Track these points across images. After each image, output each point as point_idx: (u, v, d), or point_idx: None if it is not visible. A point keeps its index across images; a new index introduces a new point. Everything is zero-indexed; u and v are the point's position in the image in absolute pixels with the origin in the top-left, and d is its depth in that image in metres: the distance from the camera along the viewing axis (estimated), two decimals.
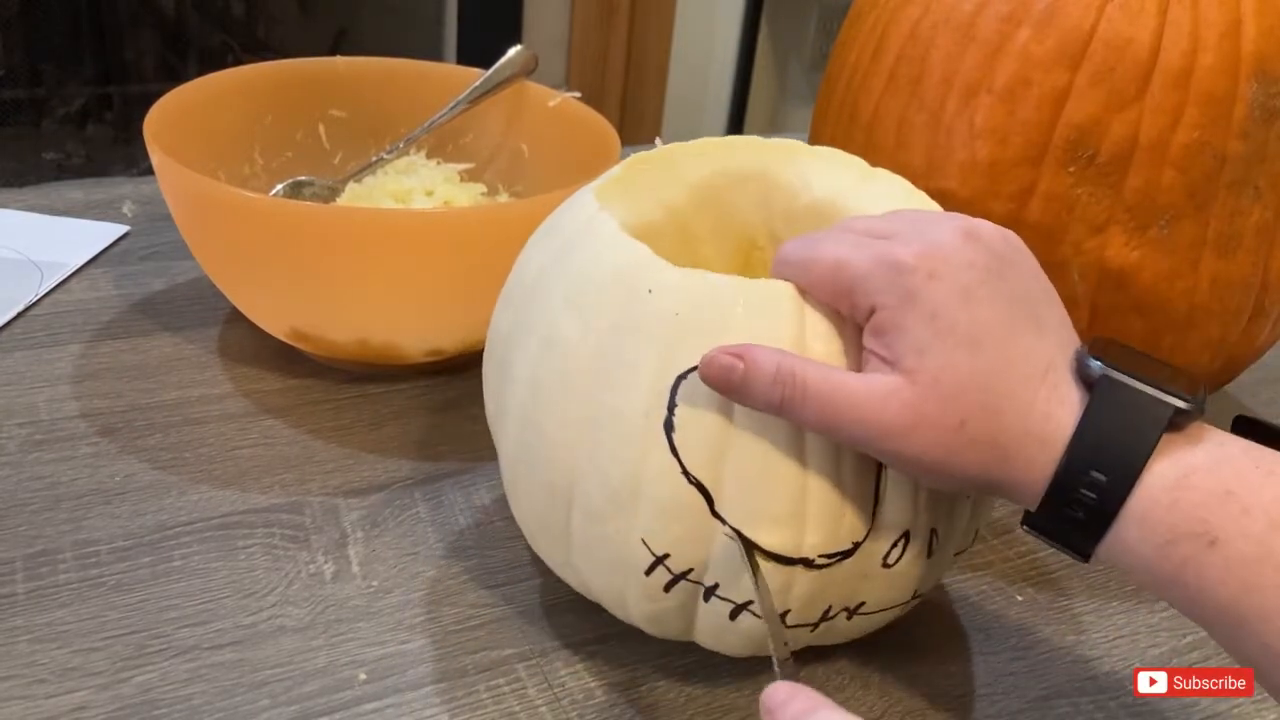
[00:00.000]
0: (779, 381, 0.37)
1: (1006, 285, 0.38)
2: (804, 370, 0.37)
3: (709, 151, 0.50)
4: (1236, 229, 0.55)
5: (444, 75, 0.76)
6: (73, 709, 0.43)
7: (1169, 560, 0.35)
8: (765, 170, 0.51)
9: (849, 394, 0.37)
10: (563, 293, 0.42)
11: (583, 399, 0.41)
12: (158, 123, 0.61)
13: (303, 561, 0.52)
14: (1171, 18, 0.53)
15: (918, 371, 0.36)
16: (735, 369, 0.38)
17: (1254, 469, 0.35)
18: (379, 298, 0.59)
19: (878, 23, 0.61)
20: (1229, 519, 0.34)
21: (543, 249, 0.46)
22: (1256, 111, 0.53)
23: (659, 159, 0.49)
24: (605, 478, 0.40)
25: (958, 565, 0.56)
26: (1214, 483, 0.34)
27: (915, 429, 0.36)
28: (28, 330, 0.67)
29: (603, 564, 0.43)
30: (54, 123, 1.91)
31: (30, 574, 0.49)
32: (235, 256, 0.61)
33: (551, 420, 0.42)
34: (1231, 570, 0.34)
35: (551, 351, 0.42)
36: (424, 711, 0.45)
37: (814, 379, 0.37)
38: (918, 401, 0.36)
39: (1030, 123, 0.54)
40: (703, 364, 0.38)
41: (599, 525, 0.41)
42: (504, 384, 0.45)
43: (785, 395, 0.37)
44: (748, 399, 0.38)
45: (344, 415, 0.62)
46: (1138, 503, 0.35)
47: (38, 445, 0.57)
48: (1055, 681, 0.50)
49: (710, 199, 0.50)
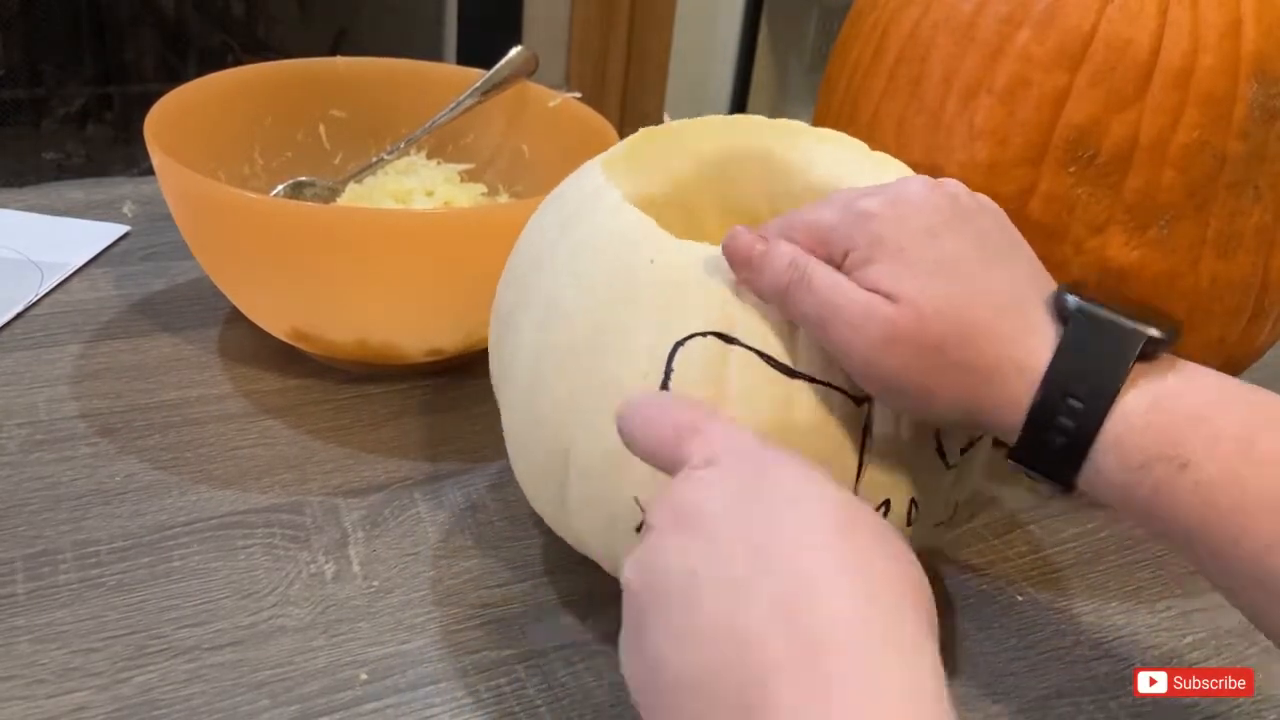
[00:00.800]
0: (793, 267, 0.39)
1: (971, 226, 0.40)
2: (815, 265, 0.40)
3: (715, 129, 0.52)
4: (1236, 229, 0.55)
5: (444, 75, 0.76)
6: (73, 709, 0.43)
7: (1143, 485, 0.36)
8: (769, 149, 0.52)
9: (846, 298, 0.39)
10: (567, 260, 0.44)
11: (583, 364, 0.42)
12: (158, 123, 0.61)
13: (303, 561, 0.52)
14: (1171, 18, 0.53)
15: (896, 294, 0.38)
16: (755, 247, 0.40)
17: (1221, 393, 0.36)
18: (379, 298, 0.59)
19: (877, 23, 0.61)
20: (1199, 442, 0.35)
21: (549, 218, 0.47)
22: (1256, 112, 0.53)
23: (666, 134, 0.51)
24: (601, 438, 0.42)
25: (957, 566, 0.56)
26: (1185, 407, 0.36)
27: (895, 342, 0.38)
28: (27, 330, 0.67)
29: (597, 521, 0.45)
30: (54, 123, 1.91)
31: (30, 574, 0.49)
32: (235, 256, 0.61)
33: (553, 383, 0.43)
34: (1201, 493, 0.35)
35: (555, 317, 0.43)
36: (424, 711, 0.45)
37: (820, 275, 0.39)
38: (897, 317, 0.38)
39: (1030, 123, 0.54)
40: (727, 238, 0.41)
41: (594, 483, 0.43)
42: (508, 348, 0.47)
43: (793, 280, 0.39)
44: (759, 278, 0.40)
45: (344, 415, 0.62)
46: (1113, 427, 0.36)
47: (37, 445, 0.57)
48: (1056, 681, 0.50)
49: (715, 175, 0.52)
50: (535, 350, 0.44)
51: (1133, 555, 0.58)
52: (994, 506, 0.61)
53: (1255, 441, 0.35)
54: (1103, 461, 0.36)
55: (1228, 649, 0.53)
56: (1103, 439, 0.36)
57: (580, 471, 0.44)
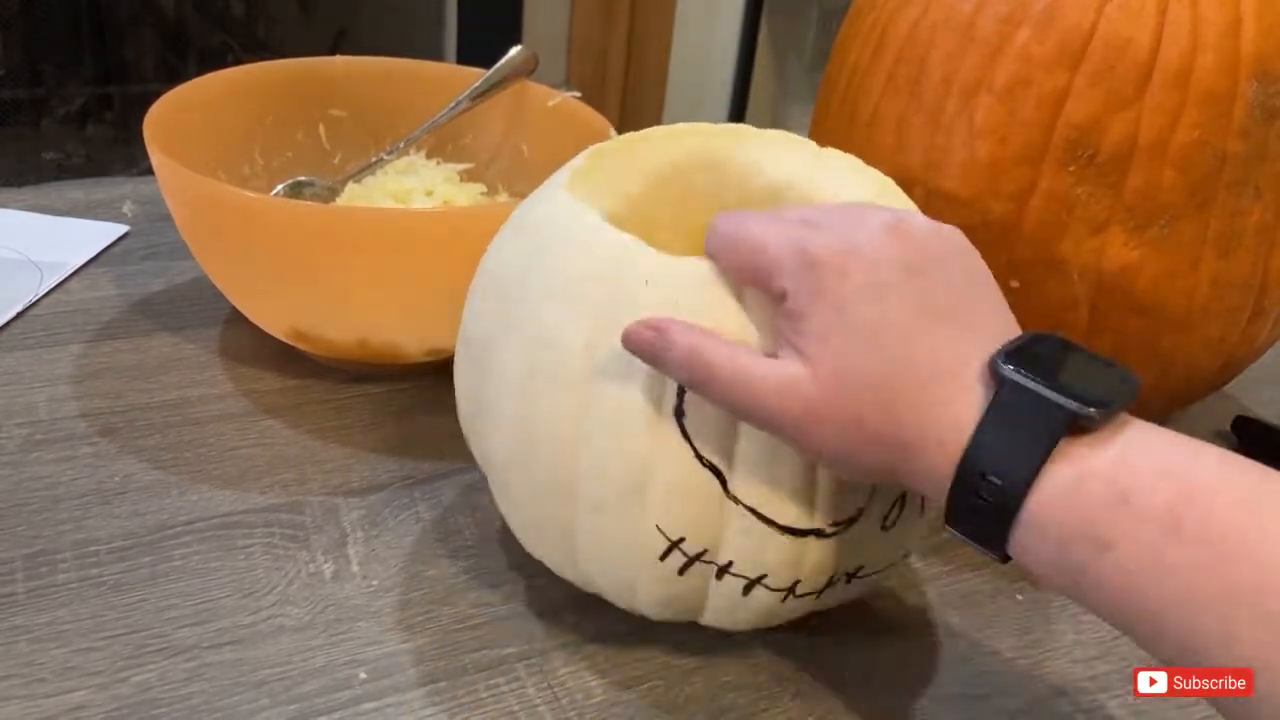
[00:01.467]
0: (688, 365, 0.38)
1: (925, 281, 0.37)
2: (714, 355, 0.38)
3: (660, 140, 0.51)
4: (1236, 229, 0.55)
5: (444, 75, 0.76)
6: (72, 708, 0.43)
7: (1067, 566, 0.34)
8: (717, 156, 0.51)
9: (752, 384, 0.38)
10: (550, 288, 0.42)
11: (581, 394, 0.41)
12: (158, 123, 0.61)
13: (302, 561, 0.52)
14: (1171, 17, 0.53)
15: (819, 362, 0.37)
16: (653, 343, 0.39)
17: (1151, 472, 0.34)
18: (379, 298, 0.59)
19: (877, 23, 0.61)
20: (1122, 523, 0.33)
21: (516, 246, 0.46)
22: (1256, 111, 0.53)
23: (616, 150, 0.50)
24: (612, 469, 0.41)
25: (956, 565, 0.56)
26: (1109, 488, 0.33)
27: (815, 422, 0.37)
28: (28, 330, 0.67)
29: (610, 556, 0.43)
30: (54, 123, 1.91)
31: (30, 574, 0.49)
32: (235, 256, 0.61)
33: (549, 418, 0.42)
34: (1125, 576, 0.33)
35: (543, 349, 0.42)
36: (424, 711, 0.45)
37: (721, 365, 0.38)
38: (816, 394, 0.37)
39: (1030, 122, 0.54)
40: (624, 333, 0.39)
41: (606, 517, 0.42)
42: (487, 386, 0.45)
43: (694, 378, 0.38)
44: (665, 370, 0.39)
45: (344, 415, 0.62)
46: (1034, 507, 0.34)
47: (37, 445, 0.57)
48: (1055, 681, 0.50)
49: (666, 187, 0.50)
50: (523, 386, 0.42)
51: None
52: None
53: (1181, 524, 0.32)
54: (1023, 538, 0.35)
55: None
56: (1023, 517, 0.35)
57: (591, 507, 0.42)
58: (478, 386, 0.46)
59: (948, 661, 0.50)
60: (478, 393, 0.46)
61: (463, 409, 0.48)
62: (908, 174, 0.58)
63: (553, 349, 0.42)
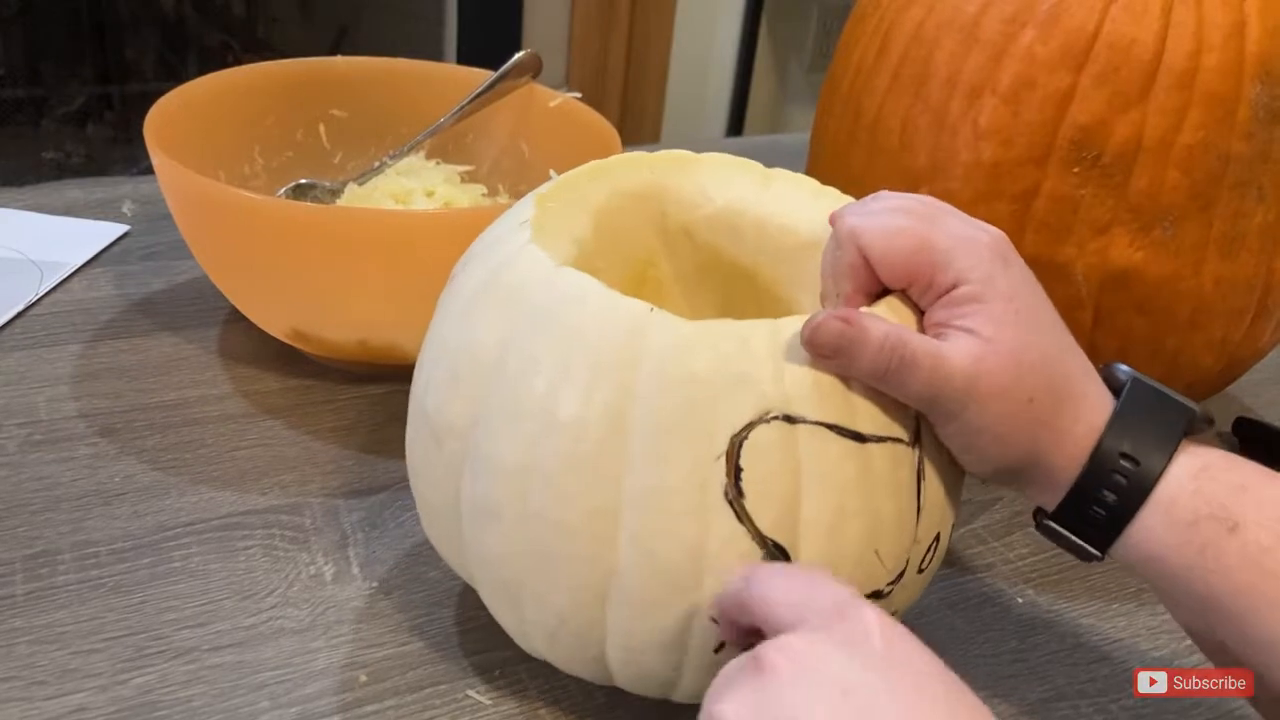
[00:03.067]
0: (886, 348, 0.37)
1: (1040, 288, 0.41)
2: (910, 338, 0.38)
3: (600, 175, 0.48)
4: (1240, 230, 0.55)
5: (445, 75, 0.76)
6: (72, 710, 0.43)
7: (1190, 545, 0.37)
8: (660, 186, 0.49)
9: (946, 362, 0.38)
10: (551, 364, 0.37)
11: (605, 483, 0.37)
12: (158, 123, 0.61)
13: (303, 563, 0.51)
14: (1175, 19, 0.53)
15: (996, 341, 0.38)
16: (846, 333, 0.37)
17: (1260, 470, 0.38)
18: (379, 298, 0.59)
19: (881, 23, 0.61)
20: (1249, 507, 0.37)
21: (491, 315, 0.40)
22: (1260, 112, 0.53)
23: (560, 192, 0.46)
24: (657, 561, 0.37)
25: (958, 567, 0.56)
26: (1232, 476, 0.38)
27: (994, 397, 0.38)
28: (27, 330, 0.67)
29: (652, 651, 0.39)
30: (54, 122, 1.91)
31: (30, 575, 0.49)
32: (235, 256, 0.61)
33: (567, 513, 0.37)
34: (1249, 555, 0.36)
35: (552, 435, 0.37)
36: (424, 713, 0.45)
37: (918, 346, 0.38)
38: (999, 371, 0.38)
39: (1034, 124, 0.54)
40: (810, 329, 0.37)
41: (651, 612, 0.37)
42: (473, 481, 0.40)
43: (893, 363, 0.37)
44: (856, 363, 0.37)
45: (344, 415, 0.62)
46: (1165, 488, 0.38)
47: (37, 446, 0.57)
48: (1056, 684, 0.50)
49: (606, 223, 0.47)
50: (525, 474, 0.38)
51: None
52: (995, 508, 0.61)
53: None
54: (1152, 520, 0.38)
55: None
56: (1154, 499, 0.38)
57: (631, 603, 0.37)
58: (453, 478, 0.40)
59: (948, 663, 0.50)
60: (454, 485, 0.41)
61: (426, 496, 0.43)
62: (913, 175, 0.58)
63: (564, 433, 0.37)
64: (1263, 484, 0.37)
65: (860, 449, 0.37)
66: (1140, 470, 0.38)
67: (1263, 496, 0.37)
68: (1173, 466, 0.38)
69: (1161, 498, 0.38)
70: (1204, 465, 0.38)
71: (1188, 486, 0.37)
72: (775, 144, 1.23)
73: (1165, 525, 0.38)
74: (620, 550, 0.37)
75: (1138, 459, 0.38)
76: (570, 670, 0.43)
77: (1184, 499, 0.37)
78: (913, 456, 0.39)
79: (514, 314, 0.39)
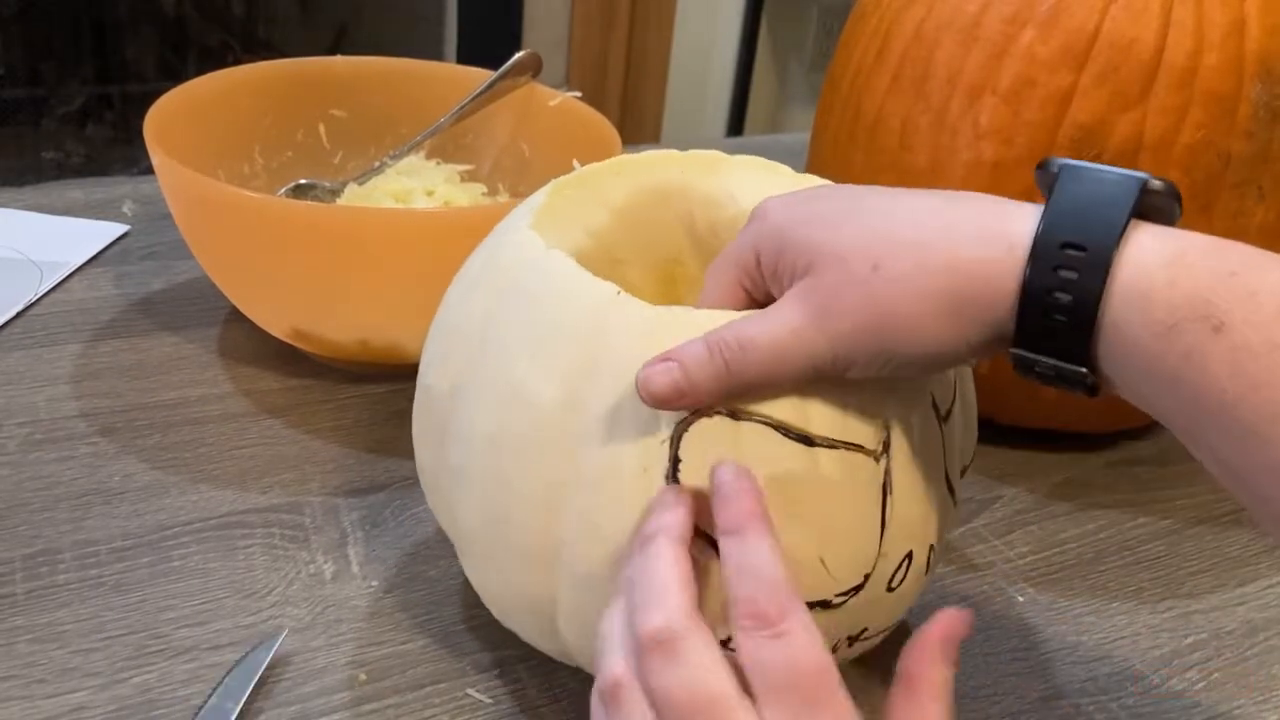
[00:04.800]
0: (714, 349, 0.35)
1: None
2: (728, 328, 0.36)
3: (626, 170, 0.48)
4: (1241, 229, 0.55)
5: (445, 75, 0.76)
6: (72, 709, 0.43)
7: (1171, 351, 0.31)
8: (687, 185, 0.48)
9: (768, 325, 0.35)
10: (524, 340, 0.39)
11: (563, 457, 0.38)
12: (158, 122, 0.61)
13: (302, 561, 0.52)
14: (1175, 18, 0.53)
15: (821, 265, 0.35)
16: (672, 370, 0.35)
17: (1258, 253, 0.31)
18: (379, 298, 0.59)
19: (881, 23, 0.61)
20: (1235, 301, 0.30)
21: (482, 292, 0.42)
22: (1261, 111, 0.53)
23: (580, 182, 0.47)
24: (602, 538, 0.37)
25: (958, 566, 0.56)
26: (1216, 261, 0.31)
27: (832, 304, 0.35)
28: (27, 330, 0.67)
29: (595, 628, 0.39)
30: (54, 122, 1.91)
31: (29, 574, 0.49)
32: (235, 256, 0.61)
33: (526, 481, 0.38)
34: (1238, 363, 0.30)
35: (518, 408, 0.38)
36: (424, 712, 0.45)
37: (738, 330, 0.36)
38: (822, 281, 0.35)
39: (1035, 123, 0.54)
40: (642, 385, 0.35)
41: (597, 587, 0.38)
42: (452, 445, 0.41)
43: (727, 358, 0.35)
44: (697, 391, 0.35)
45: (344, 415, 0.62)
46: (1133, 278, 0.31)
47: (37, 445, 0.57)
48: (1056, 682, 0.50)
49: (631, 219, 0.48)
50: (494, 446, 0.39)
51: (1134, 556, 0.58)
52: (995, 506, 0.61)
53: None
54: (1125, 323, 0.32)
55: (1229, 649, 0.52)
56: (1122, 294, 0.32)
57: (576, 576, 0.38)
58: (440, 442, 0.42)
59: None
60: (440, 449, 0.42)
61: (422, 461, 0.45)
62: (913, 175, 0.58)
63: (528, 407, 0.38)
64: (1259, 268, 0.30)
65: (807, 452, 0.37)
66: (1090, 255, 0.32)
67: (1256, 284, 0.30)
68: (1134, 249, 0.32)
69: (1131, 292, 0.31)
70: (1179, 251, 0.31)
71: (1160, 277, 0.31)
72: (775, 144, 1.23)
73: (1143, 326, 0.31)
74: (569, 523, 0.38)
75: (1083, 245, 0.32)
76: (538, 646, 0.44)
77: (1159, 293, 0.31)
78: (876, 467, 0.38)
79: (499, 291, 0.41)
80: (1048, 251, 0.32)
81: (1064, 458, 0.65)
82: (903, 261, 0.34)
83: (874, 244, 0.35)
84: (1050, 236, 0.32)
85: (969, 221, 0.34)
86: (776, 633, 0.32)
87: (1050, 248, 0.32)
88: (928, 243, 0.34)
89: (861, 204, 0.36)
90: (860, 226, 0.35)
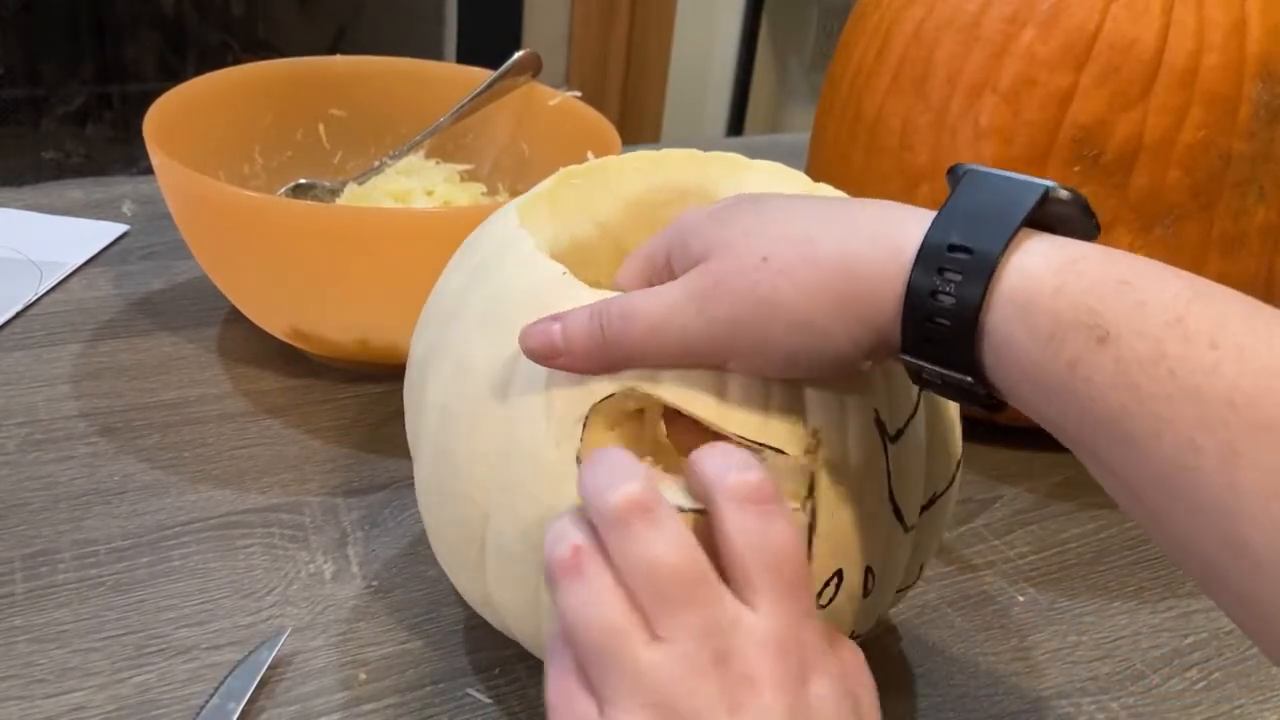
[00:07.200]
0: (595, 316, 0.36)
1: None
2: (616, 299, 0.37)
3: (644, 166, 0.48)
4: (1241, 229, 0.55)
5: (445, 75, 0.76)
6: (71, 709, 0.43)
7: (1056, 360, 0.30)
8: (704, 184, 0.48)
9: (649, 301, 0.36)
10: (477, 315, 0.40)
11: (492, 428, 0.38)
12: (157, 122, 0.61)
13: (302, 561, 0.51)
14: (1176, 17, 0.53)
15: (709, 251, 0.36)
16: (551, 329, 0.36)
17: (1147, 264, 0.30)
18: (379, 298, 0.59)
19: (881, 23, 0.61)
20: (1124, 311, 0.29)
21: (461, 268, 0.43)
22: (1261, 111, 0.53)
23: (590, 173, 0.47)
24: (517, 514, 0.38)
25: (958, 565, 0.56)
26: (1110, 269, 0.30)
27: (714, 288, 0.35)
28: (27, 330, 0.67)
29: (519, 601, 0.40)
30: (54, 122, 1.91)
31: (29, 574, 0.49)
32: (235, 256, 0.61)
33: (462, 450, 0.39)
34: (1124, 372, 0.29)
35: (462, 377, 0.40)
36: (424, 712, 0.45)
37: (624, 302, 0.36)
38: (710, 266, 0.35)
39: (1035, 123, 0.54)
40: (522, 339, 0.37)
41: (514, 563, 0.39)
42: (420, 409, 0.43)
43: (604, 325, 0.36)
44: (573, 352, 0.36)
45: (343, 414, 0.62)
46: (1018, 284, 0.31)
47: (37, 445, 0.57)
48: (1056, 682, 0.50)
49: (645, 215, 0.48)
50: (444, 405, 0.40)
51: (1134, 555, 0.58)
52: (995, 506, 0.61)
53: (1184, 317, 0.29)
54: (1008, 329, 0.31)
55: (1229, 649, 0.52)
56: (1005, 299, 0.31)
57: (497, 549, 0.39)
58: (414, 408, 0.44)
59: (949, 661, 0.50)
60: (413, 414, 0.44)
61: (408, 429, 0.46)
62: (913, 174, 0.58)
63: (470, 378, 0.39)
64: (1154, 280, 0.30)
65: None
66: (974, 258, 0.31)
67: (1150, 296, 0.29)
68: (1023, 255, 0.31)
69: (1015, 297, 0.30)
70: (1069, 259, 0.30)
71: (1048, 284, 0.30)
72: (775, 144, 1.23)
73: (1027, 334, 0.30)
74: (495, 497, 0.39)
75: (970, 248, 0.31)
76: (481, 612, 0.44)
77: (1044, 300, 0.30)
78: (798, 473, 0.37)
79: (471, 268, 0.42)
80: (934, 253, 0.32)
81: (1064, 458, 0.65)
82: (791, 255, 0.34)
83: (767, 237, 0.35)
84: (938, 238, 0.32)
85: (866, 224, 0.34)
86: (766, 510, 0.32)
87: (937, 249, 0.32)
88: (819, 240, 0.34)
89: (766, 205, 0.37)
90: (759, 220, 0.36)
